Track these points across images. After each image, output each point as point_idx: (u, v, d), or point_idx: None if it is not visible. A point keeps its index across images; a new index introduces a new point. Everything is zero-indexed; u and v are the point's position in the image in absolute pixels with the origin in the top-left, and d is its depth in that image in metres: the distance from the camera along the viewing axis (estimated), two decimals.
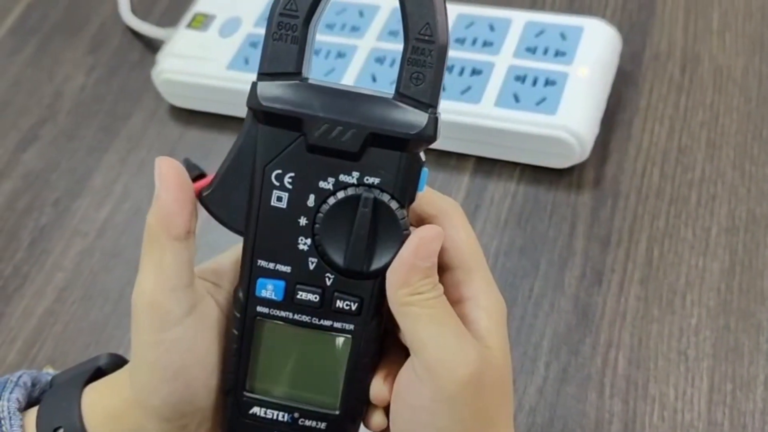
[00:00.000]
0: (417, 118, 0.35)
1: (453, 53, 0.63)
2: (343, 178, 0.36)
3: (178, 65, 0.67)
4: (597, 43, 0.63)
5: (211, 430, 0.41)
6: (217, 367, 0.39)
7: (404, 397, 0.37)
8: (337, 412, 0.39)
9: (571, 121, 0.59)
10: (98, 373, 0.42)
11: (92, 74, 0.73)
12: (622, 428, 0.51)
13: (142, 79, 0.71)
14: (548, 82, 0.61)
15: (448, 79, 0.62)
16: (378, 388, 0.39)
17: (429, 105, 0.36)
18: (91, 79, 0.73)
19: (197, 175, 0.63)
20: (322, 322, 0.38)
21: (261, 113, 0.36)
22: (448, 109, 0.61)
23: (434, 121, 0.36)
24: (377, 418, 0.40)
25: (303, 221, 0.37)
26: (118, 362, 0.43)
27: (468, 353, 0.36)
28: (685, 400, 0.51)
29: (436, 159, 0.63)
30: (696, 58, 0.66)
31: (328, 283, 0.37)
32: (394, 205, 0.36)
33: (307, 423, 0.40)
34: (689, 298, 0.55)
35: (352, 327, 0.38)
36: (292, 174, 0.36)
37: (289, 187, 0.36)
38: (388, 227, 0.36)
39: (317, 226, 0.36)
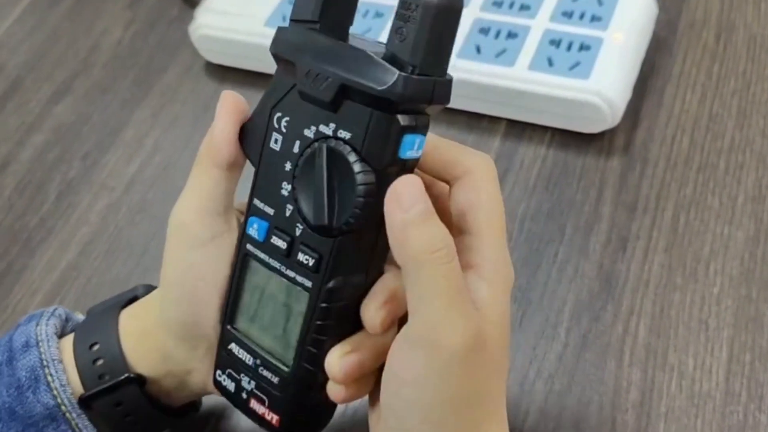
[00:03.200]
0: (387, 75, 0.34)
1: (490, 16, 0.64)
2: (322, 128, 0.36)
3: (215, 21, 0.67)
4: (633, 9, 0.62)
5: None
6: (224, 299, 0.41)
7: (394, 368, 0.36)
8: (287, 370, 0.39)
9: (604, 86, 0.59)
10: (135, 302, 0.45)
11: (130, 28, 0.74)
12: (640, 396, 0.51)
13: (180, 35, 0.71)
14: (583, 47, 0.61)
15: (483, 41, 0.62)
16: (334, 358, 0.38)
17: (409, 64, 0.34)
18: (129, 33, 0.74)
19: None
20: (287, 271, 0.38)
21: (274, 56, 0.37)
22: (482, 71, 0.61)
23: (406, 81, 0.34)
24: (334, 388, 0.38)
25: (288, 166, 0.37)
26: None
27: (468, 327, 0.35)
28: (704, 370, 0.52)
29: (468, 121, 0.64)
30: (731, 26, 0.65)
31: (297, 233, 0.37)
32: (352, 158, 0.35)
33: (265, 373, 0.40)
34: (713, 267, 0.55)
35: (309, 284, 0.37)
36: (288, 118, 0.37)
37: (284, 131, 0.37)
38: (345, 184, 0.35)
39: (296, 173, 0.37)
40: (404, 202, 0.34)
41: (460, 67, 0.61)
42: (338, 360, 0.37)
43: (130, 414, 0.43)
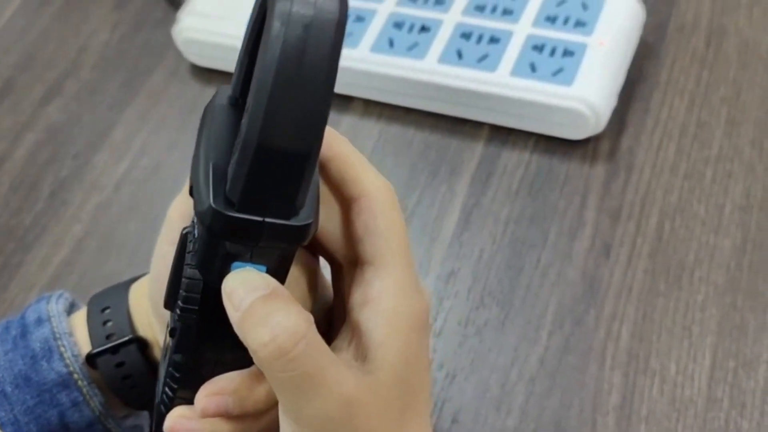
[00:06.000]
0: (203, 201, 0.30)
1: (472, 20, 0.63)
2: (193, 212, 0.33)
3: (198, 24, 0.67)
4: (619, 15, 0.62)
5: None
6: None
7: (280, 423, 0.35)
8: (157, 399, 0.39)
9: (587, 93, 0.58)
10: None
11: (117, 30, 0.74)
12: (621, 400, 0.50)
13: (165, 37, 0.71)
14: (566, 53, 0.60)
15: (465, 46, 0.62)
16: (170, 416, 0.37)
17: (227, 198, 0.29)
18: (116, 35, 0.74)
19: None
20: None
21: None
22: (464, 76, 0.61)
23: (216, 215, 0.29)
24: None
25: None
26: None
27: (327, 405, 0.32)
28: (686, 376, 0.51)
29: (451, 125, 0.63)
30: (722, 31, 0.65)
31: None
32: (187, 259, 0.33)
33: (158, 386, 0.40)
34: (697, 275, 0.55)
35: (169, 343, 0.36)
36: None
37: None
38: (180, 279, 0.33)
39: None
40: (235, 299, 0.31)
41: (441, 71, 0.61)
42: (170, 419, 0.37)
43: (130, 376, 0.44)
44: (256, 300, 0.31)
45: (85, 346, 0.45)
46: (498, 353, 0.53)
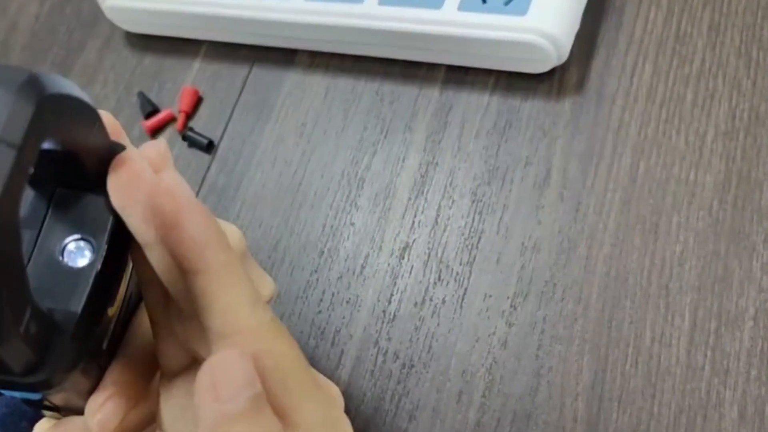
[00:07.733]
0: None
1: None
2: None
3: None
4: None
5: None
6: None
7: None
8: None
9: (544, 23, 0.51)
10: None
11: (46, 1, 0.68)
12: (592, 378, 0.46)
13: (96, 4, 0.66)
14: None
15: None
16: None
17: None
18: (45, 7, 0.68)
19: (150, 112, 0.59)
20: None
21: None
22: (408, 17, 0.54)
23: None
24: None
25: None
26: None
27: None
28: (663, 343, 0.46)
29: (403, 70, 0.57)
30: None
31: None
32: None
33: None
34: (675, 221, 0.48)
35: None
36: None
37: None
38: None
39: None
40: (222, 390, 0.26)
41: (383, 14, 0.54)
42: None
43: None
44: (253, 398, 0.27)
45: None
46: (457, 336, 0.49)
